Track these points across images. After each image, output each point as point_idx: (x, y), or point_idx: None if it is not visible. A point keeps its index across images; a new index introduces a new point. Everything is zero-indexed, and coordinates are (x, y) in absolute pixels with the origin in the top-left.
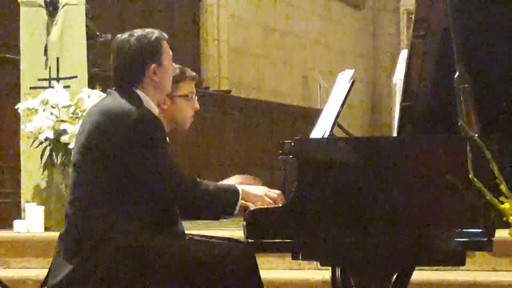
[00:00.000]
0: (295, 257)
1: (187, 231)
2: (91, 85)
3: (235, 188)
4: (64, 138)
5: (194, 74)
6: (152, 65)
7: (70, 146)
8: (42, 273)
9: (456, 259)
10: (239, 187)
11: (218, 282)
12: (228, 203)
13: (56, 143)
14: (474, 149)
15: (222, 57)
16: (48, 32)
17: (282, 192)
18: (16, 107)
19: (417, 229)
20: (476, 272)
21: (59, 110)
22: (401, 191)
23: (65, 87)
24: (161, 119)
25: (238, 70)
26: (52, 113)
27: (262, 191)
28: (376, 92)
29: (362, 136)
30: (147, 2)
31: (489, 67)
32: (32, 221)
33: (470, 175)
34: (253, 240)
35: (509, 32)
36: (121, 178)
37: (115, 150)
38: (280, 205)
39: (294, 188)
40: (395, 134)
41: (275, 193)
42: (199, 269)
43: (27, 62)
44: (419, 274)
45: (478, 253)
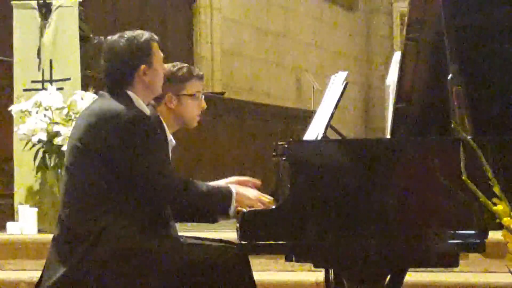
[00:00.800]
0: (289, 259)
1: (181, 233)
2: (85, 87)
3: (229, 189)
4: (58, 140)
5: (201, 73)
6: (142, 66)
7: (64, 148)
8: (36, 275)
9: (449, 261)
10: (233, 188)
11: (211, 284)
12: (222, 204)
13: (50, 145)
14: (467, 151)
15: (216, 59)
16: (42, 34)
17: (276, 194)
18: (9, 109)
19: (410, 231)
20: (469, 274)
21: (52, 112)
22: (394, 193)
23: (59, 89)
24: (168, 119)
25: (231, 72)
26: (46, 115)
27: (255, 195)
28: (370, 94)
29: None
30: (141, 4)
31: (483, 69)
32: (26, 223)
33: (463, 177)
34: (247, 242)
35: (503, 34)
36: (113, 180)
37: (107, 151)
38: (274, 207)
39: (288, 190)
40: (389, 136)
41: (268, 199)
42: (192, 272)
43: (20, 64)
44: (412, 276)
45: (471, 255)
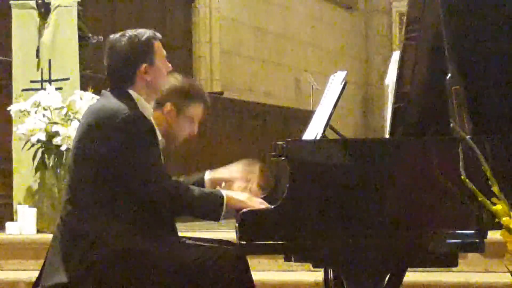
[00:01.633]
0: (288, 259)
1: (180, 234)
2: (83, 87)
3: (220, 194)
4: (56, 140)
5: (209, 105)
6: (144, 65)
7: (62, 148)
8: (34, 276)
9: (449, 261)
10: (224, 192)
11: (210, 285)
12: (213, 209)
13: (48, 145)
14: (466, 151)
15: (215, 59)
16: (40, 34)
17: (275, 194)
18: (8, 109)
19: (410, 231)
20: (469, 273)
21: (51, 112)
22: (393, 193)
23: (57, 89)
24: (160, 126)
25: (231, 72)
26: (44, 115)
27: (245, 198)
28: (369, 94)
29: (354, 138)
30: (140, 4)
31: (481, 69)
32: (25, 223)
33: (462, 177)
34: (245, 242)
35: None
36: (110, 180)
37: (103, 151)
38: (273, 207)
39: (286, 190)
40: (387, 136)
41: (258, 201)
42: (191, 272)
43: (19, 64)
44: (412, 276)
45: (471, 254)
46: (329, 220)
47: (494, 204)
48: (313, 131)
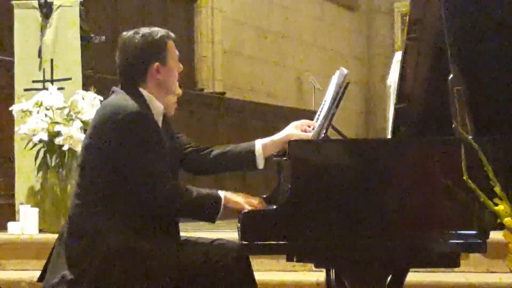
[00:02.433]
0: (290, 259)
1: (182, 233)
2: (86, 87)
3: (217, 195)
4: (58, 140)
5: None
6: (155, 63)
7: (64, 148)
8: (36, 275)
9: (450, 261)
10: (222, 194)
11: (212, 285)
12: (210, 210)
13: (50, 145)
14: (468, 151)
15: (217, 59)
16: (42, 34)
17: (276, 194)
18: (10, 109)
19: (411, 231)
20: (470, 274)
21: (53, 112)
22: (396, 193)
23: (59, 89)
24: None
25: (232, 72)
26: (46, 115)
27: (242, 199)
28: (371, 94)
29: (356, 138)
30: (142, 4)
31: (483, 69)
32: (27, 223)
33: (464, 177)
34: (247, 242)
35: (504, 34)
36: (113, 178)
37: (106, 148)
38: (275, 207)
39: (289, 190)
40: (389, 136)
41: (256, 200)
42: (193, 272)
43: (21, 64)
44: (413, 276)
45: (472, 255)
46: (332, 220)
47: (496, 205)
48: (315, 131)
